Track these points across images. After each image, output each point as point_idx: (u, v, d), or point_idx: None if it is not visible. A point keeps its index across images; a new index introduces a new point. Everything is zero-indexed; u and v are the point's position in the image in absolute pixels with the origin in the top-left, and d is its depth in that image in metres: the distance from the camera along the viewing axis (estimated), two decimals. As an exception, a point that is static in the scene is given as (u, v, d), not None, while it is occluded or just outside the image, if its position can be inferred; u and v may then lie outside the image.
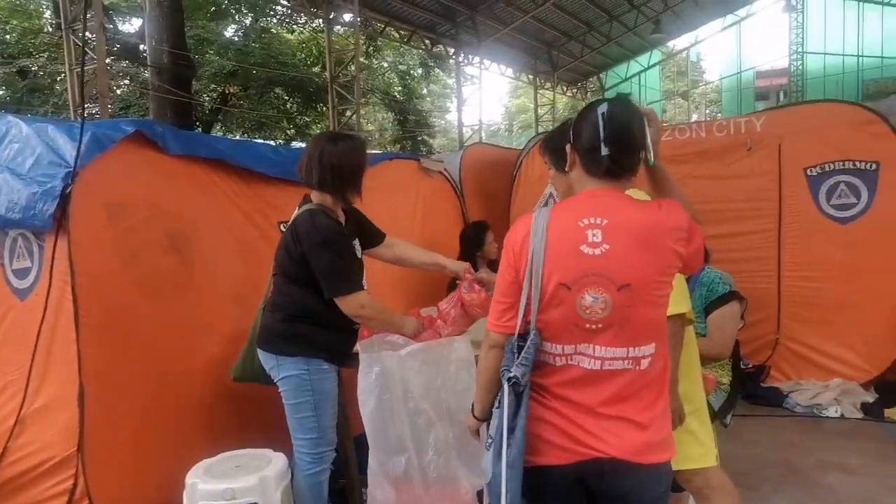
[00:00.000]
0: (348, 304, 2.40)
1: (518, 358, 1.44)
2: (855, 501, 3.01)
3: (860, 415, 4.05)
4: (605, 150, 1.49)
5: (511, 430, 1.40)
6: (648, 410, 1.48)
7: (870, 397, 4.18)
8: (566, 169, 1.64)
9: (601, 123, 1.50)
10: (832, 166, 4.29)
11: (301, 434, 2.49)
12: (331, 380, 2.50)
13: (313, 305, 2.43)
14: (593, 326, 1.44)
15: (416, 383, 2.49)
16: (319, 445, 2.50)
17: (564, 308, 1.45)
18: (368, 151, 2.69)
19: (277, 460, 2.53)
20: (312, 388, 2.44)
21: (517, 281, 1.52)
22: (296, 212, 2.50)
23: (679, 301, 1.80)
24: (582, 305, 1.44)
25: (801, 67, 21.68)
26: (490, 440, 1.49)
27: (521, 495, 1.42)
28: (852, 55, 20.82)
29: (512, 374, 1.42)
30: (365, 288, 2.52)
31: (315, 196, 2.49)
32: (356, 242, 2.60)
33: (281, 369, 2.44)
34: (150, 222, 2.74)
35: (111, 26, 12.75)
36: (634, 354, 1.46)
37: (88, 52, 8.01)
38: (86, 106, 9.30)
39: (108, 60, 12.89)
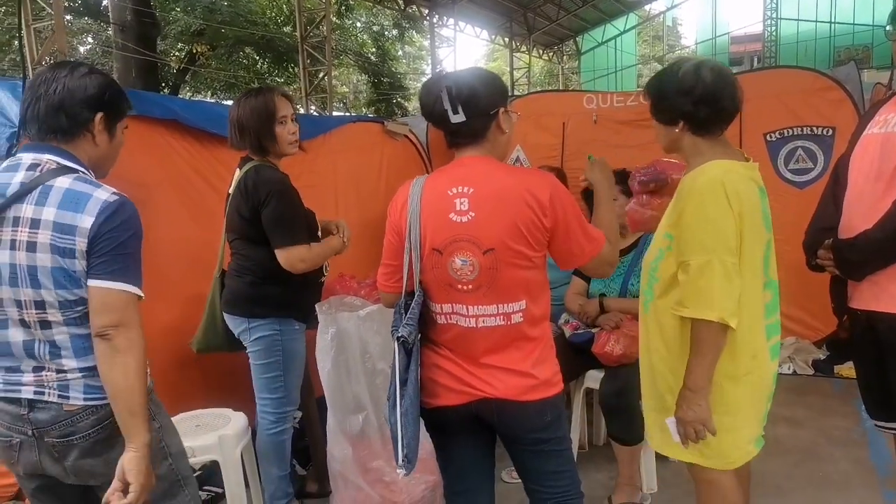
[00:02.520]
0: (287, 257, 2.34)
1: (405, 318, 1.58)
2: (798, 451, 3.16)
3: (811, 371, 4.21)
4: (457, 118, 1.58)
5: (403, 383, 1.55)
6: (526, 360, 1.63)
7: (821, 354, 4.35)
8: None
9: (447, 96, 1.58)
10: (791, 132, 4.35)
11: (267, 394, 2.51)
12: (300, 340, 2.51)
13: (278, 264, 2.41)
14: (464, 287, 1.59)
15: (373, 343, 2.52)
16: (284, 405, 2.53)
17: (439, 271, 1.60)
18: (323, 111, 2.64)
19: (237, 420, 2.56)
20: (283, 349, 2.46)
21: (400, 245, 1.66)
22: (237, 173, 2.48)
23: (708, 303, 1.63)
24: (453, 268, 1.58)
25: (774, 33, 21.75)
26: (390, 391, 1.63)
27: (421, 434, 1.61)
28: (825, 21, 20.93)
29: (399, 334, 1.55)
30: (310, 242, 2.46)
31: (252, 153, 2.48)
32: None
33: (253, 331, 2.44)
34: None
35: (70, -19, 12.26)
36: (504, 311, 1.60)
37: (45, 6, 7.72)
38: (45, 63, 9.00)
39: (68, 17, 12.43)
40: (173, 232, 2.96)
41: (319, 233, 2.62)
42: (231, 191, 2.48)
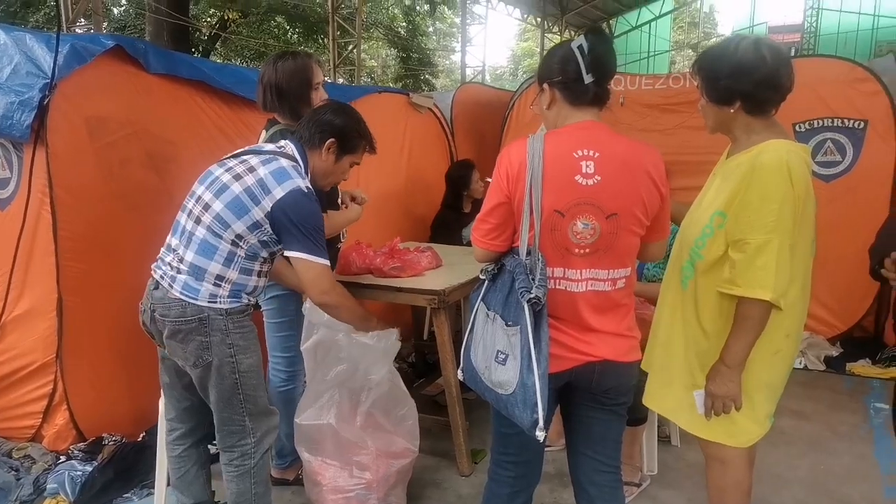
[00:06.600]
0: None
1: (536, 280, 1.54)
2: (802, 443, 3.16)
3: (822, 367, 4.18)
4: (588, 79, 1.60)
5: (537, 343, 1.52)
6: (623, 321, 1.69)
7: (834, 351, 4.30)
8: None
9: (580, 55, 1.60)
10: (821, 123, 4.28)
11: (279, 352, 2.59)
12: None
13: None
14: (581, 251, 1.59)
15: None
16: (295, 363, 2.59)
17: (558, 233, 1.58)
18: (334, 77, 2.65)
19: (249, 376, 2.62)
20: (296, 309, 2.51)
21: (506, 204, 1.62)
22: (262, 135, 2.51)
23: (763, 283, 1.66)
24: (573, 231, 1.58)
25: (815, 24, 21.19)
26: (503, 355, 1.58)
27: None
28: (868, 14, 20.30)
29: (532, 295, 1.51)
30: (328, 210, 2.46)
31: (281, 118, 2.51)
32: None
33: (267, 291, 2.48)
34: (131, 140, 2.76)
35: (106, -59, 12.30)
36: (613, 276, 1.63)
37: (81, -34, 7.78)
38: (79, 23, 9.10)
39: (103, -22, 12.48)
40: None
41: (339, 200, 2.65)
42: None
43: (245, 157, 2.01)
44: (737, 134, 1.83)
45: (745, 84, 1.73)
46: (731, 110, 1.77)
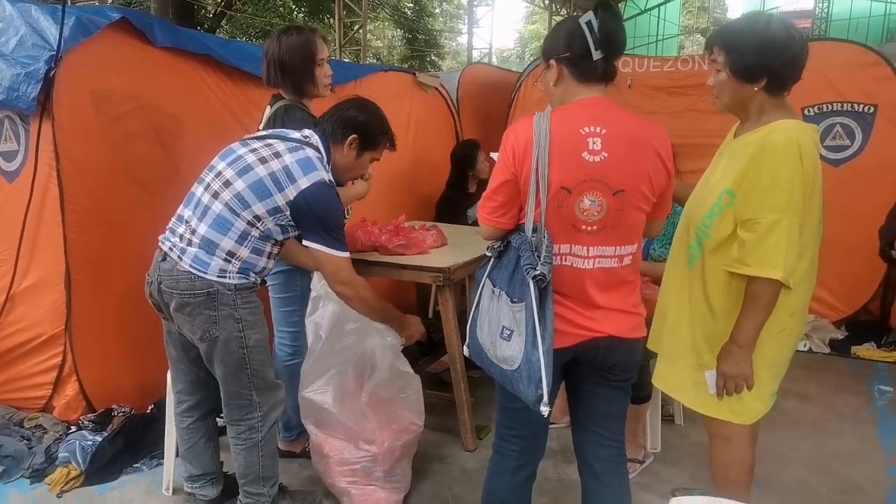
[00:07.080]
0: None
1: (541, 257, 1.53)
2: (805, 425, 3.17)
3: (827, 350, 4.18)
4: (597, 55, 1.59)
5: (542, 321, 1.52)
6: (629, 298, 1.69)
7: (839, 334, 4.30)
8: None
9: (588, 31, 1.58)
10: (830, 107, 4.24)
11: (285, 326, 2.60)
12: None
13: None
14: (588, 228, 1.59)
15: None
16: (300, 338, 2.61)
17: (565, 210, 1.57)
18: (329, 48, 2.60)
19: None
20: (301, 285, 2.54)
21: (513, 181, 1.61)
22: (267, 110, 2.51)
23: (774, 262, 1.66)
24: (580, 208, 1.57)
25: (827, 10, 20.89)
26: (508, 331, 1.59)
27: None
28: (880, 0, 20.01)
29: (538, 272, 1.51)
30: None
31: (285, 92, 2.51)
32: None
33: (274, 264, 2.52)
34: (137, 114, 2.75)
35: (111, -82, 12.17)
36: (620, 253, 1.63)
37: (86, -58, 7.73)
38: None
39: (107, -45, 12.38)
40: (205, 164, 3.00)
41: None
42: (261, 128, 2.52)
43: (271, 142, 2.02)
44: (750, 113, 1.81)
45: (776, 62, 1.71)
46: (755, 88, 1.75)
